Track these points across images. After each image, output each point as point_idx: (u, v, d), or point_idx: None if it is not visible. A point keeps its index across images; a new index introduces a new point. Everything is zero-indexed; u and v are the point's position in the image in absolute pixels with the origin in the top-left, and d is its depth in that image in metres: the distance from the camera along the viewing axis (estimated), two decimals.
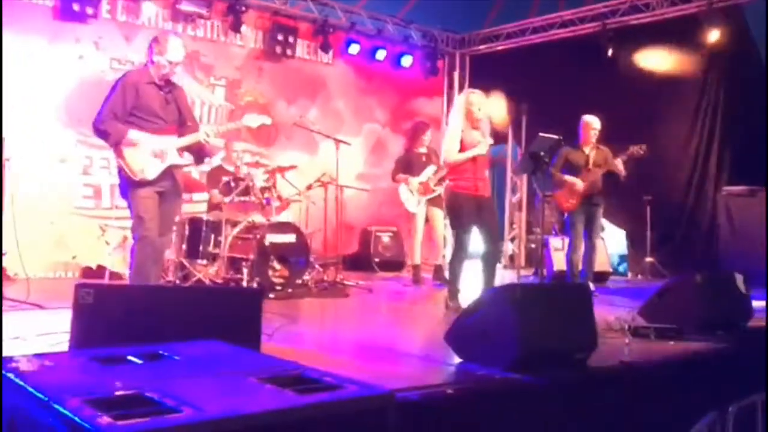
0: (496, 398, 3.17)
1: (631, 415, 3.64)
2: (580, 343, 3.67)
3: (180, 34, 8.09)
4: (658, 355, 4.09)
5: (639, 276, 8.85)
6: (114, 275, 7.37)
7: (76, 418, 1.22)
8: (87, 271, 7.62)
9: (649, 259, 8.65)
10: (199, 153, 4.87)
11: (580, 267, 6.94)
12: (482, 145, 5.38)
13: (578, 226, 6.92)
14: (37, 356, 1.75)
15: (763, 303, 5.64)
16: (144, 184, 4.40)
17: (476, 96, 5.58)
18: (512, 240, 10.79)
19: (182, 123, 4.67)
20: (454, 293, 5.45)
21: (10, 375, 1.50)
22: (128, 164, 4.38)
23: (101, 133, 4.42)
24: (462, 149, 5.43)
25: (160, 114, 4.55)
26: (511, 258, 10.59)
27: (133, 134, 4.42)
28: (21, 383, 1.45)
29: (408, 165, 7.78)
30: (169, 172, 4.53)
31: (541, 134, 5.67)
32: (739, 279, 4.93)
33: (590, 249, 6.91)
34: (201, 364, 1.75)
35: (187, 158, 4.76)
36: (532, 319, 3.45)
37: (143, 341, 2.20)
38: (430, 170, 7.68)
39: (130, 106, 4.45)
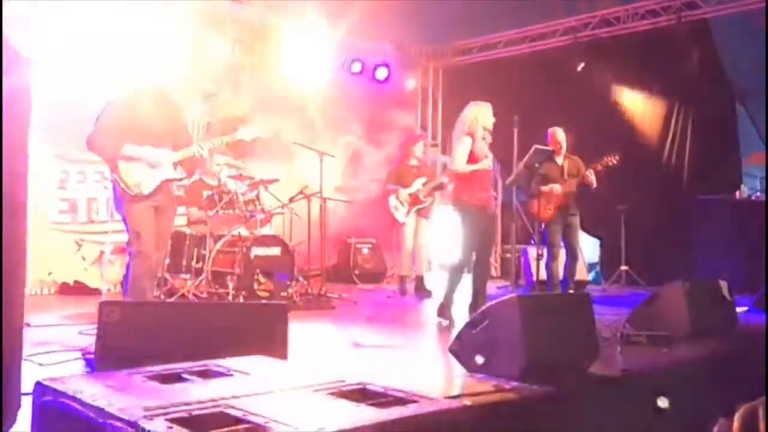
0: (511, 407, 3.20)
1: (633, 421, 3.71)
2: (583, 351, 3.73)
3: None
4: (651, 362, 4.18)
5: (613, 284, 9.01)
6: (93, 291, 7.27)
7: None
8: (64, 288, 7.46)
9: (623, 268, 8.82)
10: (190, 166, 4.83)
11: (561, 276, 7.06)
12: (488, 159, 5.43)
13: (556, 236, 7.03)
14: (91, 376, 1.72)
15: (744, 309, 5.81)
16: (140, 198, 4.35)
17: (484, 108, 5.62)
18: None
19: (176, 137, 4.62)
20: (449, 306, 5.47)
21: (79, 395, 1.48)
22: (123, 179, 4.33)
23: (96, 147, 4.36)
24: (471, 160, 5.48)
25: (155, 128, 4.51)
26: None
27: (128, 149, 4.36)
28: (94, 404, 1.43)
29: (399, 176, 7.88)
30: (163, 187, 4.49)
31: (536, 146, 5.76)
32: (724, 286, 5.07)
33: (571, 258, 7.03)
34: (260, 379, 1.74)
35: (181, 172, 4.72)
36: (538, 329, 3.50)
37: (171, 358, 2.18)
38: (419, 182, 7.79)
39: (125, 121, 4.40)
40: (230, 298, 6.14)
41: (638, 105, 9.04)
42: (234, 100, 9.19)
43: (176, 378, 1.77)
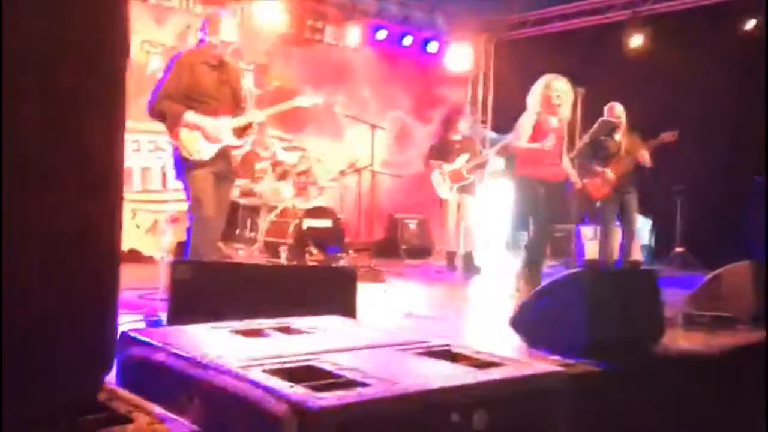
0: (571, 383, 3.14)
1: (694, 402, 3.62)
2: (648, 329, 3.65)
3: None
4: (715, 344, 4.07)
5: (667, 266, 8.81)
6: (147, 259, 7.40)
7: (275, 388, 1.19)
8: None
9: (679, 249, 8.62)
10: (243, 134, 4.81)
11: (615, 256, 6.91)
12: (548, 140, 5.31)
13: (611, 214, 6.89)
14: (175, 329, 1.72)
15: None
16: (200, 165, 4.37)
17: (556, 82, 5.49)
18: None
19: (236, 104, 4.62)
20: (520, 279, 5.41)
21: (168, 346, 1.48)
22: (184, 145, 4.34)
23: (157, 114, 4.38)
24: (537, 133, 5.37)
25: (215, 94, 4.50)
26: None
27: (189, 115, 4.37)
28: (185, 354, 1.42)
29: (442, 151, 7.78)
30: (223, 154, 4.50)
31: (602, 119, 5.62)
32: None
33: (627, 238, 6.88)
34: (342, 337, 1.72)
35: (239, 139, 4.71)
36: (601, 305, 3.43)
37: (240, 317, 2.18)
38: (463, 158, 7.66)
39: (185, 87, 4.40)
40: None
41: (697, 80, 8.75)
42: (284, 72, 9.19)
43: (259, 333, 1.76)
